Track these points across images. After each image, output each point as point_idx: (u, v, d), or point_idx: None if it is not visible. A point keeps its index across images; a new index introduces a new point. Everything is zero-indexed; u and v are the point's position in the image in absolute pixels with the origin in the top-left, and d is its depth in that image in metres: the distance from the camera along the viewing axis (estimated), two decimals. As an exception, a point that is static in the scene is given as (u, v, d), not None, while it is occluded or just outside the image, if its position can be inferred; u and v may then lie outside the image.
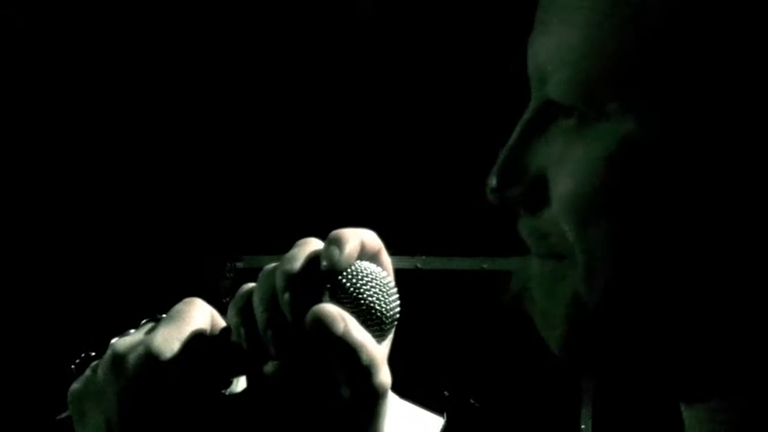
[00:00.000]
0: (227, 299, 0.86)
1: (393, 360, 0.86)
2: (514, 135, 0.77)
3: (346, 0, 3.05)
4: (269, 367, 0.83)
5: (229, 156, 3.08)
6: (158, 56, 3.06)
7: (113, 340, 0.85)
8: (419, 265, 2.78)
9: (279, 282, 0.82)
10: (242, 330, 0.83)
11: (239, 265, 2.90)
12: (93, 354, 0.88)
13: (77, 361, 0.88)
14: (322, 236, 0.86)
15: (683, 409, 0.76)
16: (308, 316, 0.81)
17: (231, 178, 3.07)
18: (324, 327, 0.81)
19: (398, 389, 0.87)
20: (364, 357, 0.81)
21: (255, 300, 0.82)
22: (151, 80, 3.06)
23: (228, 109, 3.08)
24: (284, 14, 3.06)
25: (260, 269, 0.85)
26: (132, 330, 0.86)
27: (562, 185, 0.74)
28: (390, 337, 0.86)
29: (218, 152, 3.08)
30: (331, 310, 0.81)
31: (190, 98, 3.07)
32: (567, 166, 0.73)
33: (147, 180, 3.06)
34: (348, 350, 0.81)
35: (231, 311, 0.84)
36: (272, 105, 3.08)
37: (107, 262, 3.01)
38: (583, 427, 2.78)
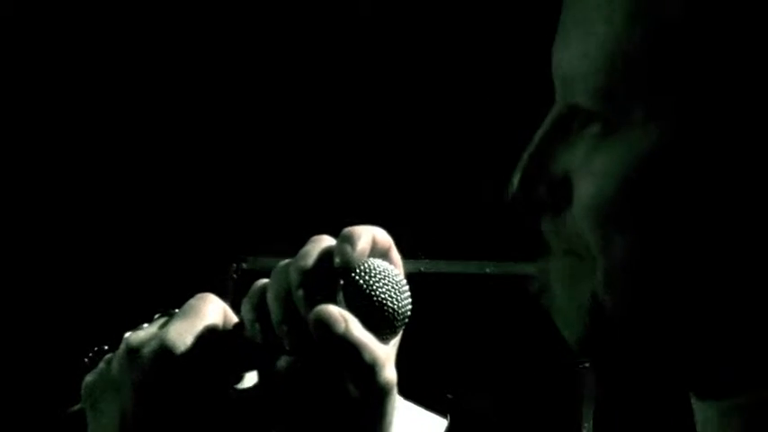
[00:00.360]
0: (231, 299, 0.87)
1: (396, 361, 0.87)
2: (537, 137, 0.76)
3: (346, 0, 3.06)
4: (282, 362, 0.84)
5: (234, 157, 3.08)
6: (161, 56, 3.06)
7: (127, 334, 0.86)
8: (423, 269, 2.78)
9: (293, 278, 0.83)
10: (256, 326, 0.84)
11: (244, 265, 2.91)
12: (107, 347, 0.89)
13: (91, 354, 0.89)
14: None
15: (696, 408, 0.77)
16: (310, 316, 0.82)
17: (236, 179, 3.08)
18: (325, 327, 0.82)
19: (401, 390, 0.88)
20: (367, 356, 0.83)
21: (270, 296, 0.83)
22: (157, 81, 3.07)
23: (233, 110, 3.09)
24: (286, 14, 3.07)
25: (264, 270, 0.86)
26: (146, 324, 0.88)
27: (585, 191, 0.73)
28: (399, 335, 0.87)
29: (224, 153, 3.08)
30: (332, 310, 0.82)
31: (196, 98, 3.07)
32: (590, 171, 0.73)
33: (155, 181, 3.06)
34: (350, 349, 0.82)
35: (245, 307, 0.85)
36: (276, 106, 3.08)
37: (117, 260, 3.03)
38: (585, 428, 2.79)
